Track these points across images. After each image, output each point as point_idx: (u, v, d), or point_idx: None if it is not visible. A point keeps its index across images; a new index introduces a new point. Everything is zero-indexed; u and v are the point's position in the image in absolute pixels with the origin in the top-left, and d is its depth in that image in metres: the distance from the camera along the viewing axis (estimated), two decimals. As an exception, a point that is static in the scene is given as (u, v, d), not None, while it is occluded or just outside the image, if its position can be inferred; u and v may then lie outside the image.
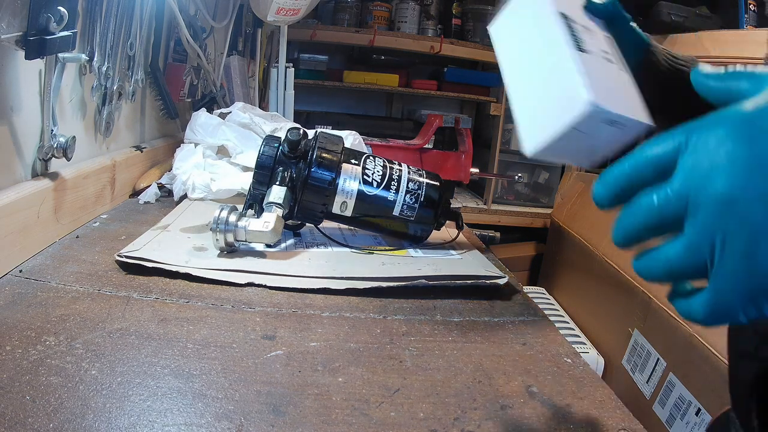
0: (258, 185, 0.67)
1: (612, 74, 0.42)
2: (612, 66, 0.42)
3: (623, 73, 0.43)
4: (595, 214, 1.50)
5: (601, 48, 0.43)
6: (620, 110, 0.38)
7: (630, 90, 0.42)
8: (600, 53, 0.42)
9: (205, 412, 0.36)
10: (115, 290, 0.53)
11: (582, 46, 0.40)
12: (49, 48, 0.54)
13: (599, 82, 0.39)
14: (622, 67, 0.43)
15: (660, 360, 1.03)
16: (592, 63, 0.40)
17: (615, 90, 0.40)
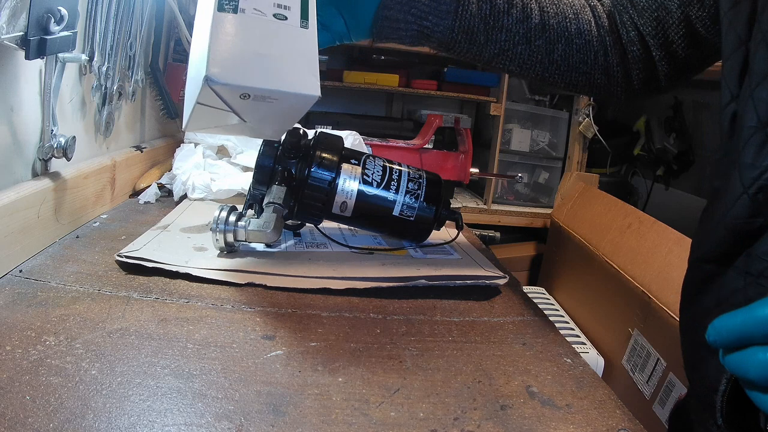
0: (258, 185, 0.67)
1: (269, 36, 0.42)
2: (275, 25, 0.43)
3: (293, 31, 0.43)
4: (595, 214, 1.50)
5: (273, 1, 0.43)
6: (252, 82, 0.40)
7: (295, 53, 0.43)
8: (266, 9, 0.42)
9: (205, 412, 0.36)
10: (115, 290, 0.53)
11: (232, 5, 0.41)
12: (49, 48, 0.54)
13: (237, 49, 0.40)
14: (298, 22, 0.44)
15: (660, 360, 1.02)
16: (236, 29, 0.41)
17: (263, 57, 0.41)
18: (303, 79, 0.42)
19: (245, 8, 0.42)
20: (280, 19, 0.43)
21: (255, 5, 0.43)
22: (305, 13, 0.45)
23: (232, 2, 0.42)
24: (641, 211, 1.36)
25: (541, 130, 1.97)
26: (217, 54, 0.40)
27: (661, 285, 1.08)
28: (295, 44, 0.43)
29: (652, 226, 1.23)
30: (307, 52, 0.43)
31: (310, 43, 0.44)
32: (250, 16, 0.42)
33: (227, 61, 0.40)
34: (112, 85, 0.78)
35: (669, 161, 1.91)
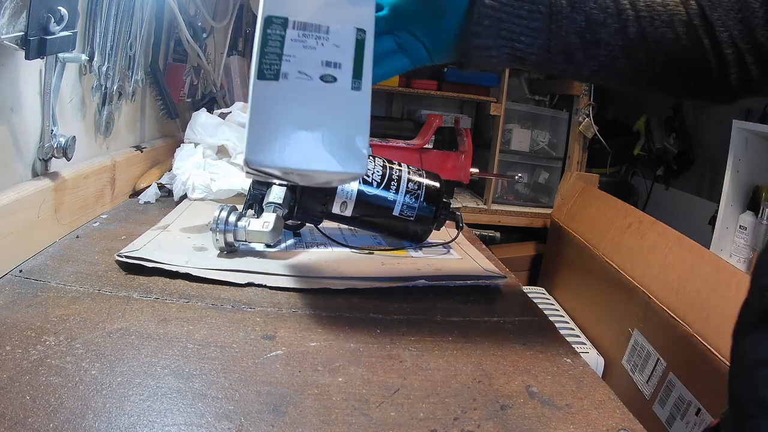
0: (258, 185, 0.67)
1: (313, 105, 0.39)
2: (322, 90, 0.39)
3: (342, 96, 0.40)
4: (595, 214, 1.50)
5: (321, 59, 0.40)
6: (292, 163, 0.38)
7: (341, 124, 0.39)
8: (312, 70, 0.39)
9: (205, 412, 0.36)
10: (115, 290, 0.53)
11: (273, 71, 0.38)
12: (49, 48, 0.54)
13: (277, 127, 0.38)
14: (349, 83, 0.40)
15: (660, 360, 1.03)
16: (278, 97, 0.38)
17: (305, 132, 0.38)
18: (347, 156, 0.39)
19: (288, 72, 0.39)
20: (328, 82, 0.40)
21: (300, 67, 0.40)
22: (359, 69, 0.41)
23: (273, 66, 0.39)
24: (641, 211, 1.36)
25: (541, 130, 1.97)
26: (256, 134, 0.38)
27: (661, 285, 1.08)
28: (342, 112, 0.40)
29: (652, 226, 1.23)
30: (356, 121, 0.40)
31: (360, 109, 0.40)
32: (294, 83, 0.39)
33: (266, 143, 0.37)
34: (112, 85, 0.78)
35: (669, 161, 1.91)
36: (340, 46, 0.40)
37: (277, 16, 0.40)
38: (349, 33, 0.41)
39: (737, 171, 1.39)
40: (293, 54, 0.39)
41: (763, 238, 1.32)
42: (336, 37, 0.40)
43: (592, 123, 1.84)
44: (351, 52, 0.41)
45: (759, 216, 1.34)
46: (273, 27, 0.39)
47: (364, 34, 0.41)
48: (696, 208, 1.80)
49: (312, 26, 0.40)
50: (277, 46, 0.39)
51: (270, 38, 0.39)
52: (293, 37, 0.40)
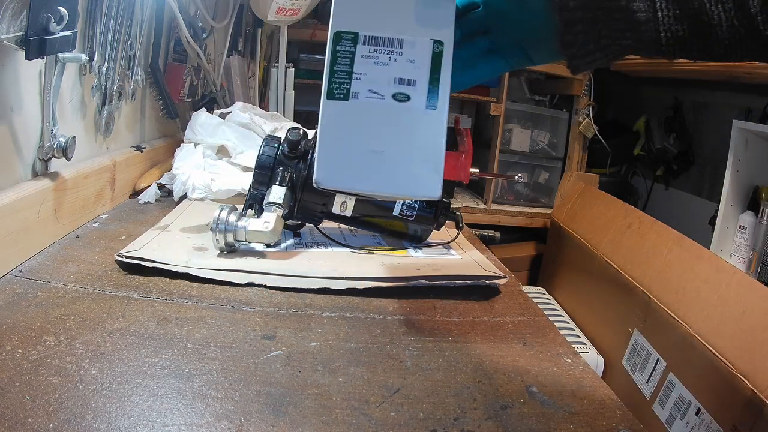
0: (258, 185, 0.67)
1: (385, 126, 0.37)
2: (395, 110, 0.37)
3: (416, 116, 0.38)
4: (595, 214, 1.50)
5: (394, 76, 0.38)
6: (361, 186, 0.37)
7: (415, 146, 0.38)
8: (384, 89, 0.37)
9: (205, 412, 0.36)
10: (115, 290, 0.53)
11: (343, 90, 0.37)
12: (49, 48, 0.54)
13: (346, 149, 0.36)
14: (423, 102, 0.38)
15: (660, 360, 1.02)
16: (349, 118, 0.37)
17: (376, 155, 0.37)
18: (420, 179, 0.37)
19: (359, 92, 0.37)
20: (401, 101, 0.37)
21: (371, 86, 0.38)
22: (434, 86, 0.38)
23: (343, 86, 0.37)
24: (641, 211, 1.36)
25: (541, 130, 1.97)
26: (325, 155, 0.36)
27: (661, 285, 1.08)
28: (416, 134, 0.38)
29: (652, 226, 1.23)
30: (430, 144, 0.37)
31: (436, 130, 0.38)
32: (365, 103, 0.37)
33: (335, 165, 0.36)
34: (112, 85, 0.78)
35: (669, 161, 1.91)
36: (415, 61, 0.38)
37: (346, 31, 0.38)
38: (425, 46, 0.38)
39: (737, 171, 1.39)
40: (364, 71, 0.37)
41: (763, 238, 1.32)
42: (410, 52, 0.38)
43: (592, 123, 1.84)
44: (426, 67, 0.38)
45: (759, 216, 1.34)
46: (342, 43, 0.38)
47: (442, 47, 0.38)
48: (696, 208, 1.80)
49: (384, 40, 0.38)
50: (347, 64, 0.37)
51: (339, 55, 0.37)
52: (364, 53, 0.38)
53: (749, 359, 0.80)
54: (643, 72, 1.76)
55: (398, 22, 0.38)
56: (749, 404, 0.77)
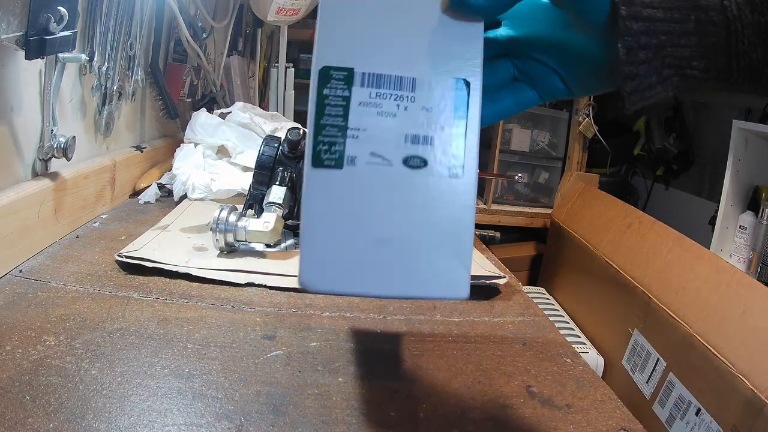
0: (258, 185, 0.67)
1: (394, 203, 0.28)
2: (407, 180, 0.28)
3: (436, 187, 0.28)
4: (595, 214, 1.50)
5: (405, 131, 0.28)
6: (363, 288, 0.28)
7: (435, 228, 0.28)
8: (392, 152, 0.28)
9: (205, 412, 0.36)
10: (115, 290, 0.53)
11: (334, 154, 0.28)
12: (49, 48, 0.54)
13: (341, 239, 0.27)
14: (446, 167, 0.28)
15: (660, 360, 1.02)
16: (344, 193, 0.28)
17: (383, 244, 0.28)
18: (442, 275, 0.28)
19: (357, 156, 0.28)
20: (416, 167, 0.28)
21: (374, 146, 0.28)
22: (460, 143, 0.28)
23: (334, 148, 0.28)
24: (641, 211, 1.36)
25: (541, 130, 1.97)
26: (311, 248, 0.27)
27: (661, 285, 1.08)
28: (436, 212, 0.28)
29: (652, 226, 1.23)
30: (455, 225, 0.28)
31: (462, 205, 0.28)
32: (365, 171, 0.27)
33: (326, 261, 0.27)
34: (112, 85, 0.78)
35: (669, 161, 1.91)
36: (432, 109, 0.28)
37: (337, 67, 0.28)
38: (446, 88, 0.29)
39: (737, 171, 1.39)
40: (363, 126, 0.28)
41: (762, 238, 1.32)
42: (426, 96, 0.29)
43: (592, 123, 1.84)
44: (449, 118, 0.29)
45: (759, 216, 1.34)
46: (332, 85, 0.28)
47: (468, 89, 0.29)
48: (696, 208, 1.80)
49: (390, 80, 0.29)
50: (339, 114, 0.28)
51: (328, 102, 0.28)
52: (363, 98, 0.28)
53: (749, 359, 0.80)
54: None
55: (408, 55, 0.29)
56: (749, 404, 0.77)
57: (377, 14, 0.29)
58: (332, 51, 0.29)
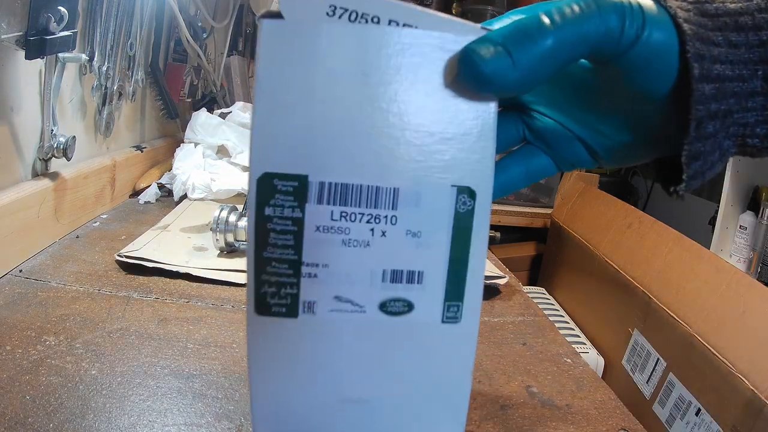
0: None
1: (366, 368, 0.22)
2: (384, 334, 0.22)
3: (424, 340, 0.22)
4: (595, 214, 1.50)
5: (382, 265, 0.21)
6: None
7: (417, 389, 0.22)
8: (365, 295, 0.21)
9: (205, 412, 0.36)
10: (115, 290, 0.53)
11: (283, 298, 0.21)
12: (49, 48, 0.54)
13: (296, 398, 0.22)
14: (438, 311, 0.22)
15: (660, 360, 1.02)
16: (298, 348, 0.22)
17: (346, 407, 0.22)
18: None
19: (316, 301, 0.21)
20: (397, 314, 0.21)
21: (339, 290, 0.21)
22: (458, 279, 0.21)
23: (284, 291, 0.21)
24: (641, 211, 1.36)
25: (541, 130, 1.97)
26: (264, 408, 0.22)
27: (661, 285, 1.08)
28: (425, 366, 0.22)
29: (652, 226, 1.23)
30: (447, 381, 0.22)
31: (459, 357, 0.22)
32: (328, 320, 0.21)
33: (284, 423, 0.22)
34: (112, 85, 0.78)
35: (669, 161, 1.91)
36: (422, 233, 0.21)
37: (284, 174, 0.20)
38: (441, 201, 0.21)
39: (737, 171, 1.39)
40: (324, 260, 0.21)
41: (762, 238, 1.32)
42: (413, 213, 0.21)
43: (592, 123, 1.83)
44: (444, 243, 0.21)
45: (759, 216, 1.34)
46: (277, 201, 0.20)
47: (473, 201, 0.21)
48: (696, 208, 1.80)
49: (361, 192, 0.21)
50: (289, 244, 0.20)
51: (272, 227, 0.20)
52: (321, 221, 0.21)
53: (749, 359, 0.80)
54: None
55: (388, 153, 0.21)
56: (749, 404, 0.77)
57: (342, 89, 0.20)
58: (276, 148, 0.20)
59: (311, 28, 0.20)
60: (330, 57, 0.20)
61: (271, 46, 0.20)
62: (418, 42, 0.20)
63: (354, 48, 0.20)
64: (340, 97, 0.20)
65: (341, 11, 0.20)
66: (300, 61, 0.20)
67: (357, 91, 0.20)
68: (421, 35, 0.20)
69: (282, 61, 0.20)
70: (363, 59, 0.20)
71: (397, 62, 0.20)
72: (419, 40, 0.20)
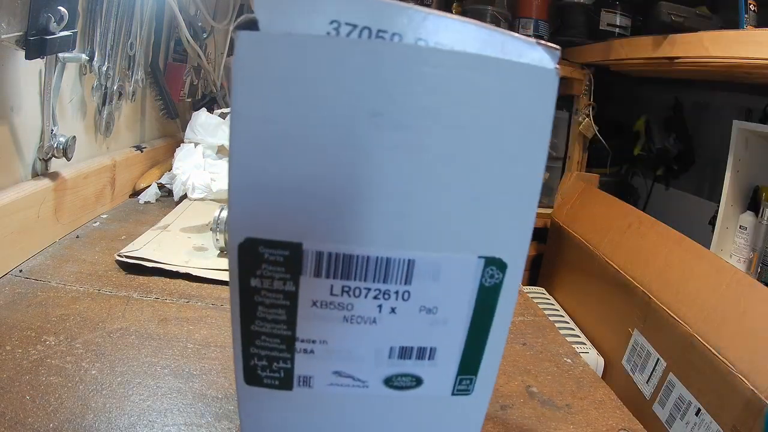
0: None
1: (359, 425, 0.20)
2: (384, 402, 0.19)
3: (425, 413, 0.19)
4: (595, 214, 1.50)
5: (389, 342, 0.18)
6: None
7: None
8: (364, 367, 0.18)
9: (205, 412, 0.36)
10: (115, 290, 0.53)
11: (276, 372, 0.18)
12: (49, 48, 0.54)
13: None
14: (449, 385, 0.19)
15: (660, 360, 1.02)
16: (293, 420, 0.19)
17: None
18: None
19: (313, 376, 0.19)
20: (404, 388, 0.19)
21: (340, 365, 0.18)
22: (475, 351, 0.18)
23: (276, 366, 0.18)
24: (641, 211, 1.36)
25: (541, 130, 1.97)
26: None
27: (661, 285, 1.08)
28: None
29: (652, 226, 1.23)
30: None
31: (466, 428, 0.20)
32: (327, 393, 0.19)
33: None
34: (112, 85, 0.78)
35: (669, 161, 1.91)
36: (438, 309, 0.18)
37: (272, 240, 0.16)
38: (465, 273, 0.18)
39: (737, 171, 1.39)
40: (321, 337, 0.18)
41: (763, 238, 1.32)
42: (429, 288, 0.18)
43: (592, 123, 1.84)
44: (463, 321, 0.18)
45: (759, 216, 1.34)
46: (263, 272, 0.17)
47: (502, 275, 0.18)
48: (696, 208, 1.80)
49: (368, 264, 0.17)
50: (281, 320, 0.17)
51: (260, 300, 0.17)
52: (318, 294, 0.17)
53: (749, 359, 0.80)
54: (644, 72, 1.76)
55: (399, 215, 0.16)
56: (749, 404, 0.77)
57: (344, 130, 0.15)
58: (260, 208, 0.16)
59: (304, 43, 0.14)
60: (329, 85, 0.15)
61: (250, 68, 0.15)
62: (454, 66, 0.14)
63: (362, 74, 0.15)
64: (342, 141, 0.15)
65: (348, 29, 0.15)
66: (289, 90, 0.15)
67: (364, 133, 0.15)
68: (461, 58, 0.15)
69: (265, 90, 0.15)
70: (374, 91, 0.15)
71: (424, 99, 0.15)
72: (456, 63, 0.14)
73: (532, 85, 0.15)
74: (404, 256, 0.17)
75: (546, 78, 0.15)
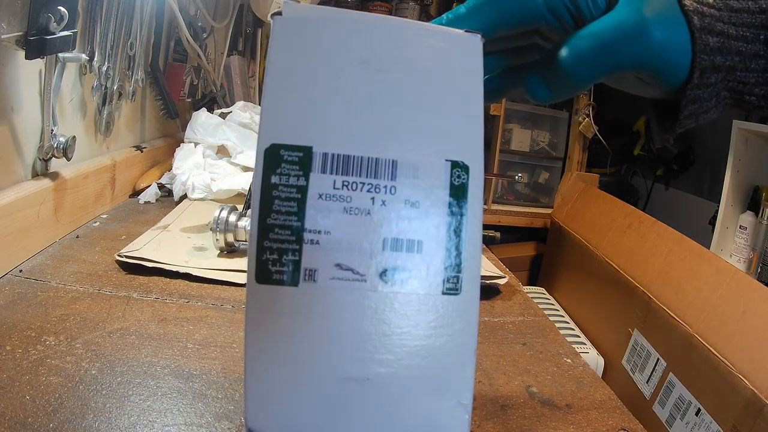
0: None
1: (364, 330, 0.22)
2: (383, 304, 0.22)
3: (417, 309, 0.22)
4: (595, 214, 1.50)
5: (382, 234, 0.22)
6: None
7: (417, 364, 0.22)
8: (362, 260, 0.22)
9: (205, 412, 0.36)
10: (115, 290, 0.53)
11: (284, 266, 0.21)
12: (49, 48, 0.54)
13: (294, 371, 0.21)
14: (439, 284, 0.22)
15: (660, 360, 1.02)
16: (297, 319, 0.21)
17: (346, 384, 0.22)
18: (435, 417, 0.22)
19: (318, 269, 0.21)
20: (397, 284, 0.22)
21: (339, 256, 0.22)
22: (456, 248, 0.22)
23: (286, 257, 0.21)
24: (641, 211, 1.36)
25: (541, 130, 1.97)
26: (260, 388, 0.22)
27: (661, 285, 1.08)
28: (426, 341, 0.22)
29: (652, 226, 1.23)
30: (451, 356, 0.22)
31: (461, 329, 0.22)
32: (329, 289, 0.21)
33: (281, 404, 0.21)
34: (112, 85, 0.78)
35: (669, 161, 1.91)
36: (420, 203, 0.22)
37: (290, 145, 0.22)
38: (437, 172, 0.23)
39: (737, 171, 1.39)
40: (326, 227, 0.22)
41: (763, 238, 1.32)
42: (411, 184, 0.22)
43: (592, 123, 1.84)
44: (442, 213, 0.22)
45: (759, 216, 1.34)
46: (283, 170, 0.22)
47: (466, 175, 0.23)
48: (696, 208, 1.80)
49: (362, 163, 0.22)
50: (293, 211, 0.21)
51: (277, 194, 0.21)
52: (325, 189, 0.22)
53: (749, 359, 0.80)
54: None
55: (387, 128, 0.23)
56: (749, 404, 0.77)
57: (344, 73, 0.23)
58: (283, 123, 0.22)
59: (317, 23, 0.23)
60: (333, 47, 0.23)
61: (281, 38, 0.23)
62: (417, 32, 0.24)
63: (357, 37, 0.23)
64: (344, 77, 0.23)
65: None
66: (306, 50, 0.23)
67: (357, 73, 0.23)
68: (422, 27, 0.25)
69: (290, 50, 0.23)
70: (363, 47, 0.23)
71: (395, 51, 0.24)
72: (418, 30, 0.24)
73: (466, 43, 0.24)
74: (389, 157, 0.22)
75: (473, 39, 0.24)
